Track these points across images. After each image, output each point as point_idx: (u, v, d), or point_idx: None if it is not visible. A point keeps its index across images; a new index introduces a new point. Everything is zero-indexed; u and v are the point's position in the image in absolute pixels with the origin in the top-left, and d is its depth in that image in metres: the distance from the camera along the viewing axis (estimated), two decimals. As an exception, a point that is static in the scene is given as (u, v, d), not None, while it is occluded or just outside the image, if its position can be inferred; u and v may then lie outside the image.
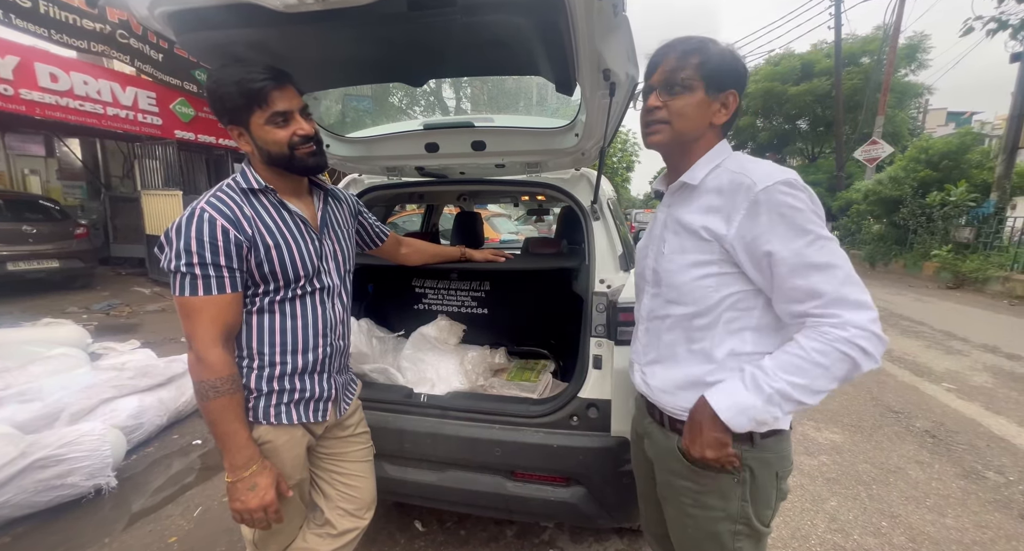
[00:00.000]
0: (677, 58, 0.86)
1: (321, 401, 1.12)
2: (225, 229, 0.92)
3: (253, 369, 1.03)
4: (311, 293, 1.07)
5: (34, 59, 5.69)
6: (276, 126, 0.98)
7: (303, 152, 1.01)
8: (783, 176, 0.80)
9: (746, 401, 0.80)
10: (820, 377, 0.78)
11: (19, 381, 2.45)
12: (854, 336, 0.76)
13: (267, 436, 1.05)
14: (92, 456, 2.00)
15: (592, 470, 1.38)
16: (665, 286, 0.93)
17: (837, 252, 0.79)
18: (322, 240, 1.10)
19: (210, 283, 0.92)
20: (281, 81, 0.98)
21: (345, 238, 1.20)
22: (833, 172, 14.60)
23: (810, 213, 0.79)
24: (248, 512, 0.95)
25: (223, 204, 0.95)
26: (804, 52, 18.23)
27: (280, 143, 0.98)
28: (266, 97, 0.96)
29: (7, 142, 8.47)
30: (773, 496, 0.89)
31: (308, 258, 1.05)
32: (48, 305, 5.67)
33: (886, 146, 11.86)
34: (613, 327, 1.41)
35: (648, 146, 0.94)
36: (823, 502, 2.13)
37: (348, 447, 1.25)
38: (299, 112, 1.01)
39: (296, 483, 1.11)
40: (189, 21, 1.02)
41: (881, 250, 10.64)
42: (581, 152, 1.61)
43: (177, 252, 0.90)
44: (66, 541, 1.82)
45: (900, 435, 2.79)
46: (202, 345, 0.92)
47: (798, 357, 0.79)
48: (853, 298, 0.77)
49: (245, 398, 1.03)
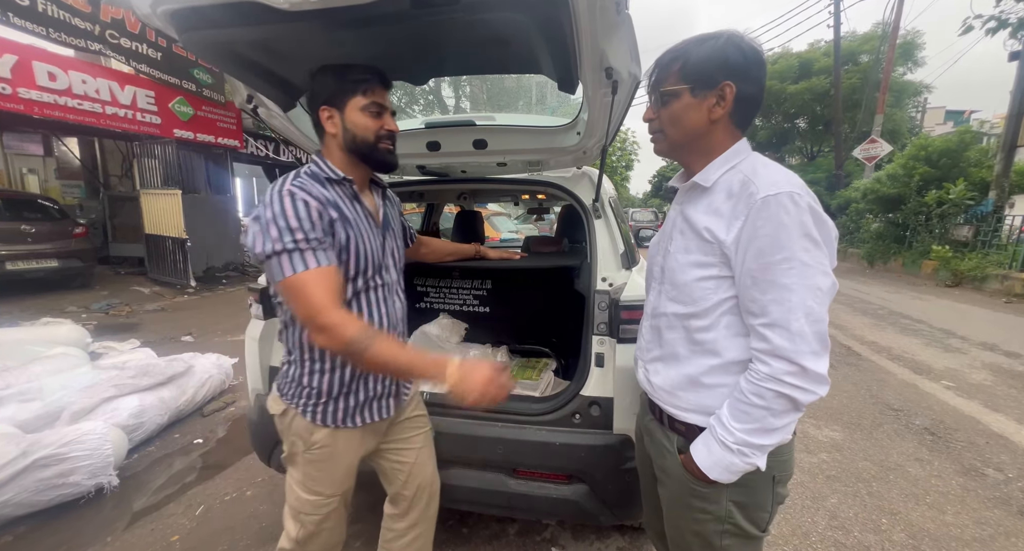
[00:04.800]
0: (660, 70, 0.90)
1: (385, 398, 1.14)
2: (319, 209, 0.95)
3: (325, 371, 1.05)
4: (377, 287, 1.09)
5: (32, 58, 5.66)
6: (370, 115, 1.03)
7: (385, 146, 1.06)
8: (787, 188, 0.77)
9: (722, 458, 0.83)
10: (765, 417, 0.79)
11: (20, 380, 2.44)
12: (776, 372, 0.77)
13: (325, 440, 1.07)
14: (94, 455, 2.00)
15: (594, 468, 1.38)
16: (668, 284, 0.94)
17: (806, 278, 0.75)
18: (384, 235, 1.14)
19: (317, 256, 0.93)
20: (386, 82, 1.07)
21: (399, 236, 1.25)
22: (832, 171, 14.62)
23: (797, 233, 0.75)
24: (483, 395, 0.89)
25: (310, 186, 0.98)
26: (802, 51, 18.24)
27: (369, 130, 1.04)
28: (372, 87, 1.03)
29: (5, 141, 8.43)
30: (769, 500, 0.89)
31: (376, 252, 1.08)
32: (47, 304, 5.66)
33: (885, 145, 11.88)
34: (615, 325, 1.41)
35: (655, 153, 0.98)
36: (823, 500, 2.13)
37: (407, 432, 1.26)
38: (391, 110, 1.08)
39: (345, 492, 1.15)
40: (191, 19, 1.02)
41: (880, 248, 10.66)
42: (583, 150, 1.61)
43: (280, 233, 0.90)
44: (68, 540, 1.82)
45: (900, 433, 2.80)
46: (326, 312, 0.90)
47: (740, 401, 0.81)
48: (795, 328, 0.75)
49: (314, 404, 1.06)
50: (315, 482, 1.10)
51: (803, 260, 0.75)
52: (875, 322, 5.53)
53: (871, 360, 4.14)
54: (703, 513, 0.90)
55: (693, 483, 0.89)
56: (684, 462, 0.90)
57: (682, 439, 0.93)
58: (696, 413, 0.90)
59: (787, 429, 0.82)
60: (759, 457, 0.81)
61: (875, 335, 4.95)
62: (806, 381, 0.76)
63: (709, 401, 0.88)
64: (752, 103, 0.88)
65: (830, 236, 0.79)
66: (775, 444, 0.82)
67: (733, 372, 0.86)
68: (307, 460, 1.09)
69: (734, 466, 0.82)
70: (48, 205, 6.46)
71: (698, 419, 0.90)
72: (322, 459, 1.08)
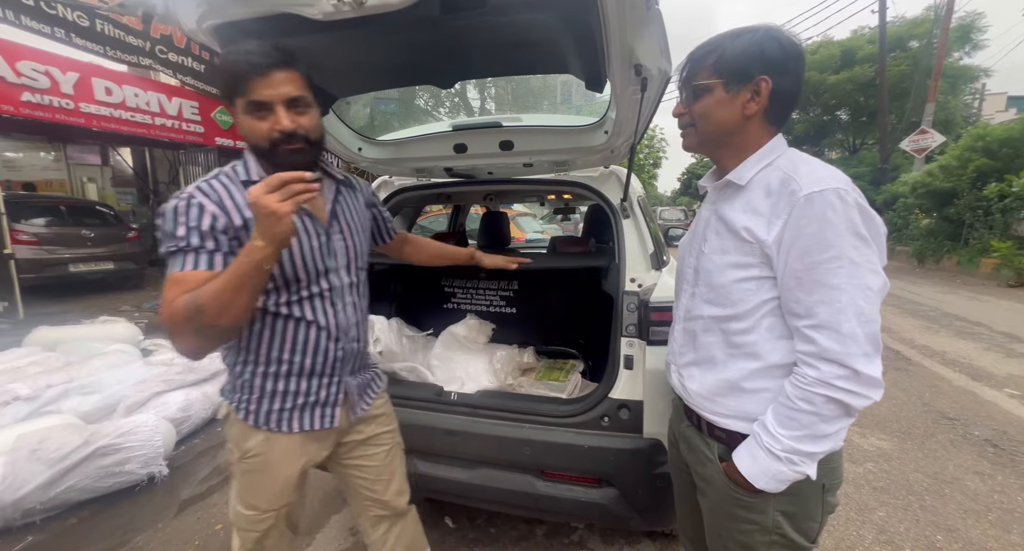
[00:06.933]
0: (693, 64, 0.88)
1: (328, 406, 1.04)
2: (214, 214, 0.86)
3: (258, 372, 0.98)
4: (318, 295, 0.99)
5: (92, 74, 6.10)
6: (254, 118, 0.87)
7: (285, 149, 0.89)
8: (833, 184, 0.74)
9: (769, 466, 0.79)
10: (815, 423, 0.76)
11: (81, 374, 2.64)
12: (826, 375, 0.73)
13: (260, 447, 1.00)
14: (146, 446, 2.13)
15: (624, 472, 1.36)
16: (703, 286, 0.91)
17: (855, 277, 0.72)
18: (330, 234, 1.02)
19: (198, 259, 0.85)
20: (263, 67, 0.84)
21: (358, 231, 1.10)
22: (876, 164, 13.81)
23: (845, 230, 0.72)
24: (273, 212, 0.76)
25: (218, 189, 0.90)
26: (843, 39, 17.31)
27: (259, 136, 0.88)
28: (244, 84, 0.85)
29: (68, 153, 9.15)
30: (819, 509, 0.85)
31: (312, 257, 0.97)
32: (104, 304, 6.07)
33: (937, 135, 11.11)
34: (645, 327, 1.38)
35: (684, 149, 0.96)
36: (870, 512, 2.01)
37: (371, 450, 1.18)
38: (285, 104, 0.87)
39: (282, 507, 1.04)
40: (233, 33, 1.07)
41: (931, 246, 9.98)
42: (611, 149, 1.59)
43: (166, 236, 0.85)
44: (124, 525, 1.95)
45: (956, 443, 2.61)
46: (166, 303, 0.82)
47: (786, 407, 0.78)
48: (846, 329, 0.72)
49: (247, 400, 0.99)
50: (250, 494, 1.03)
51: (852, 258, 0.72)
52: (926, 324, 5.18)
53: (922, 365, 3.88)
54: (749, 523, 0.86)
55: (737, 492, 0.86)
56: (727, 470, 0.87)
57: (723, 446, 0.90)
58: (737, 419, 0.87)
59: (839, 436, 0.78)
60: (809, 465, 0.78)
61: (927, 338, 4.64)
62: (859, 385, 0.73)
63: (751, 407, 0.85)
64: (789, 98, 0.85)
65: (879, 233, 0.75)
66: (826, 451, 0.78)
67: (776, 376, 0.82)
68: (242, 470, 1.03)
69: (782, 475, 0.79)
70: (105, 211, 6.97)
71: (740, 425, 0.87)
72: (256, 469, 1.01)
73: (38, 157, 9.08)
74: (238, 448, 1.02)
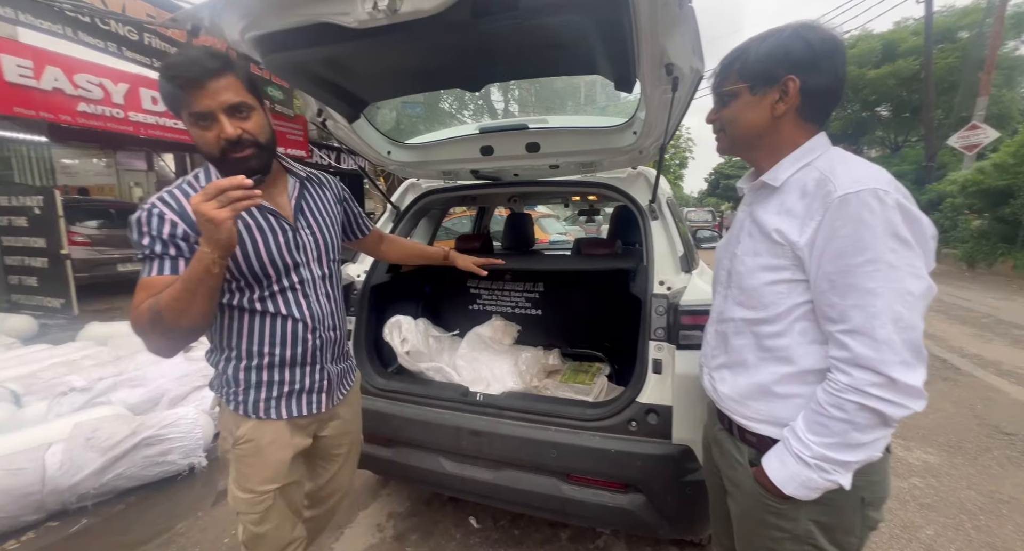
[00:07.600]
0: (722, 70, 0.89)
1: (313, 393, 1.09)
2: (173, 222, 0.90)
3: (241, 366, 1.02)
4: (290, 288, 1.03)
5: (139, 85, 6.49)
6: (199, 128, 0.89)
7: (236, 156, 0.91)
8: (871, 185, 0.71)
9: (798, 472, 0.78)
10: (848, 431, 0.73)
11: (129, 368, 2.81)
12: (859, 382, 0.70)
13: (251, 434, 1.03)
14: (187, 437, 2.24)
15: (652, 478, 1.33)
16: (736, 288, 0.89)
17: (893, 281, 0.69)
18: (297, 230, 1.05)
19: (162, 265, 0.89)
20: (198, 78, 0.85)
21: (328, 226, 1.13)
22: (920, 162, 13.04)
23: (883, 232, 0.69)
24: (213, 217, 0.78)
25: (179, 198, 0.93)
26: (885, 31, 16.49)
27: (208, 146, 0.90)
28: (184, 96, 0.86)
29: (117, 159, 9.75)
30: (857, 523, 0.81)
31: (279, 253, 1.00)
32: (149, 302, 6.43)
33: (990, 131, 10.39)
34: (675, 331, 1.35)
35: (717, 152, 0.97)
36: (917, 530, 1.90)
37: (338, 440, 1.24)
38: (225, 112, 0.88)
39: (281, 488, 1.07)
40: (272, 43, 1.12)
41: (983, 249, 9.34)
42: (639, 150, 1.56)
43: (133, 244, 0.91)
44: (167, 512, 2.05)
45: (1015, 460, 2.43)
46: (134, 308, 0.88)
47: (817, 413, 0.75)
48: (881, 335, 0.69)
49: (234, 392, 1.03)
50: (245, 479, 1.07)
51: (889, 261, 0.70)
52: (978, 332, 4.85)
53: (973, 375, 3.63)
54: (779, 531, 0.84)
55: (767, 498, 0.83)
56: (756, 475, 0.85)
57: (753, 451, 0.88)
58: (768, 424, 0.85)
59: (875, 446, 0.74)
60: (841, 474, 0.75)
61: (979, 347, 4.34)
62: (895, 394, 0.70)
63: (782, 411, 0.83)
64: (825, 95, 0.83)
65: (925, 235, 0.72)
66: (861, 461, 0.75)
67: (809, 382, 0.80)
68: (236, 456, 1.07)
69: (812, 482, 0.76)
70: (151, 214, 7.37)
71: (770, 430, 0.85)
72: (249, 454, 1.05)
73: (91, 163, 9.72)
74: (231, 436, 1.06)
